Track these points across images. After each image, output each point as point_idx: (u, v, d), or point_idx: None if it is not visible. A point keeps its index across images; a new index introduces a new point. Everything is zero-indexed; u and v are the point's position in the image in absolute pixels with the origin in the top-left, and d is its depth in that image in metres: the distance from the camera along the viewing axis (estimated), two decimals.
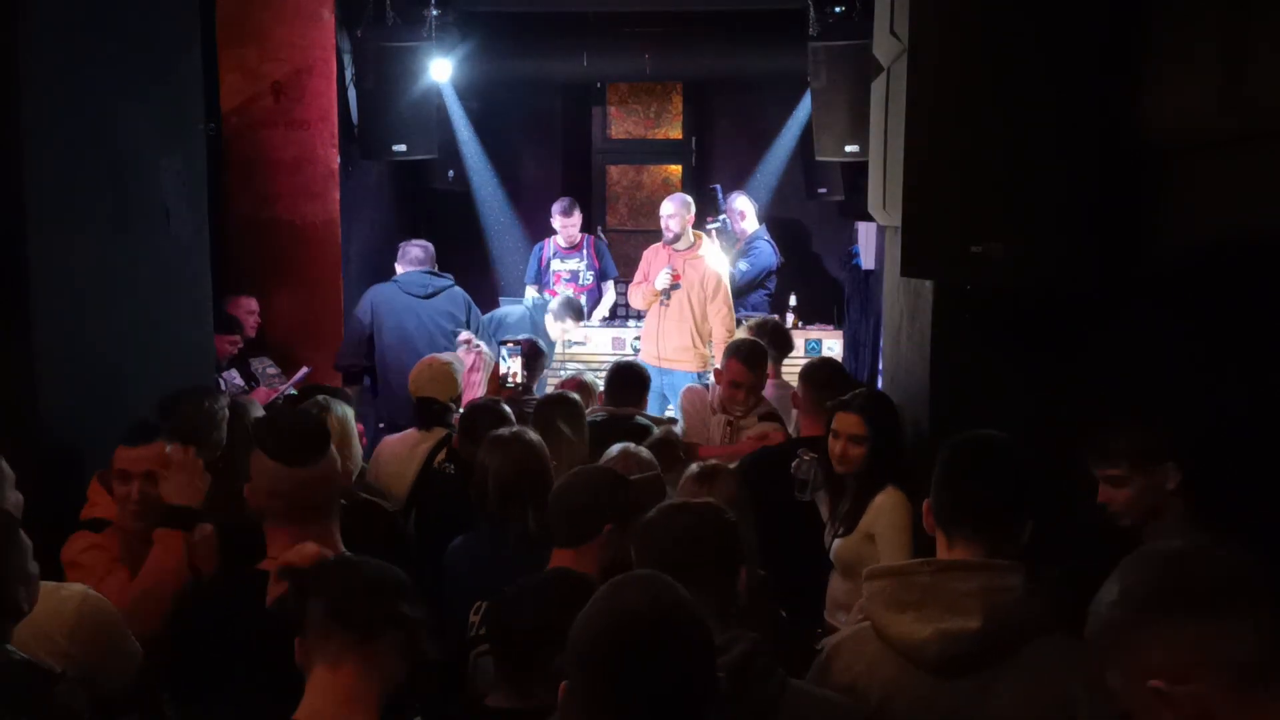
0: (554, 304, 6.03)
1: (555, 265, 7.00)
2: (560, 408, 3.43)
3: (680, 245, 6.23)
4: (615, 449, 3.06)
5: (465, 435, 3.40)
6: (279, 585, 1.83)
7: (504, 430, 2.94)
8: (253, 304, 5.48)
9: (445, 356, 4.14)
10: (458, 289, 5.74)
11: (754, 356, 4.04)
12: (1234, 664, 1.21)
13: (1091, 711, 1.71)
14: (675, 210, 6.24)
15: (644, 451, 3.12)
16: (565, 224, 6.89)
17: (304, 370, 5.41)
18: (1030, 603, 1.78)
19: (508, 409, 3.51)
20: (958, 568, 1.82)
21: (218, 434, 3.06)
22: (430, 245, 5.86)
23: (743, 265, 6.98)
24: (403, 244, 5.86)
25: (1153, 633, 1.26)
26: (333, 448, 2.14)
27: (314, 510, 2.08)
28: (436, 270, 5.73)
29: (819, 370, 3.80)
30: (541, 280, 7.04)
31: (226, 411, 3.17)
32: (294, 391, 4.85)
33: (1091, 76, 2.61)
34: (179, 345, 3.63)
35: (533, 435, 2.91)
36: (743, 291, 7.03)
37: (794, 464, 3.23)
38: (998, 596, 1.76)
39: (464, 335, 5.44)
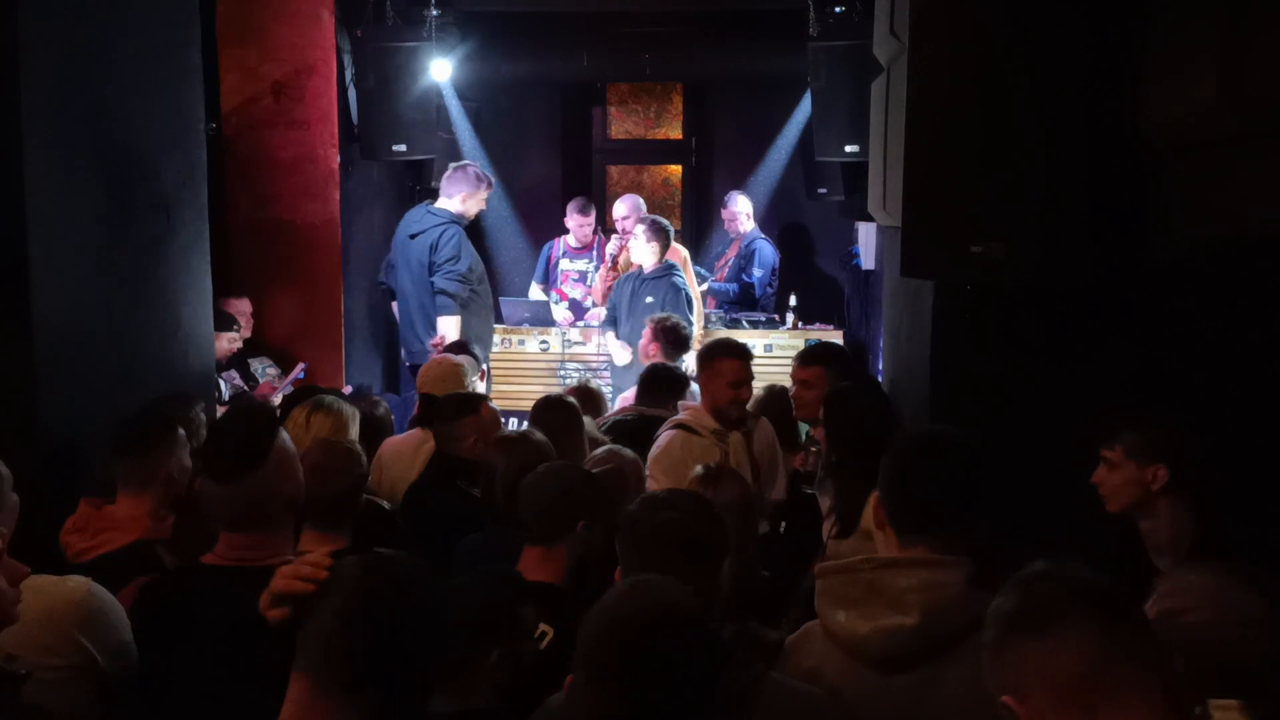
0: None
1: (564, 265, 6.99)
2: (556, 412, 3.44)
3: None
4: (600, 450, 3.08)
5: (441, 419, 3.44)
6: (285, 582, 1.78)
7: (511, 431, 2.95)
8: (245, 305, 5.46)
9: (457, 358, 4.11)
10: (436, 231, 5.64)
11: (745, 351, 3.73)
12: (1069, 678, 1.28)
13: None
14: (629, 211, 6.48)
15: (627, 451, 3.14)
16: (582, 222, 6.88)
17: (301, 366, 5.40)
18: (974, 595, 1.78)
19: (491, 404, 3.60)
20: (899, 564, 1.84)
21: (195, 442, 3.06)
22: (458, 169, 5.78)
23: (757, 272, 7.04)
24: None
25: (1006, 652, 1.34)
26: (279, 462, 2.07)
27: (244, 522, 2.05)
28: (437, 207, 5.72)
29: (823, 353, 3.80)
30: (549, 279, 7.04)
31: (203, 417, 3.18)
32: (291, 389, 4.85)
33: (1092, 76, 2.61)
34: (179, 345, 3.63)
35: (539, 436, 2.92)
36: (764, 297, 7.07)
37: (799, 456, 3.25)
38: (937, 593, 1.78)
39: (436, 339, 5.44)
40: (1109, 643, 1.28)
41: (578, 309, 6.90)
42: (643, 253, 5.85)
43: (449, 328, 5.49)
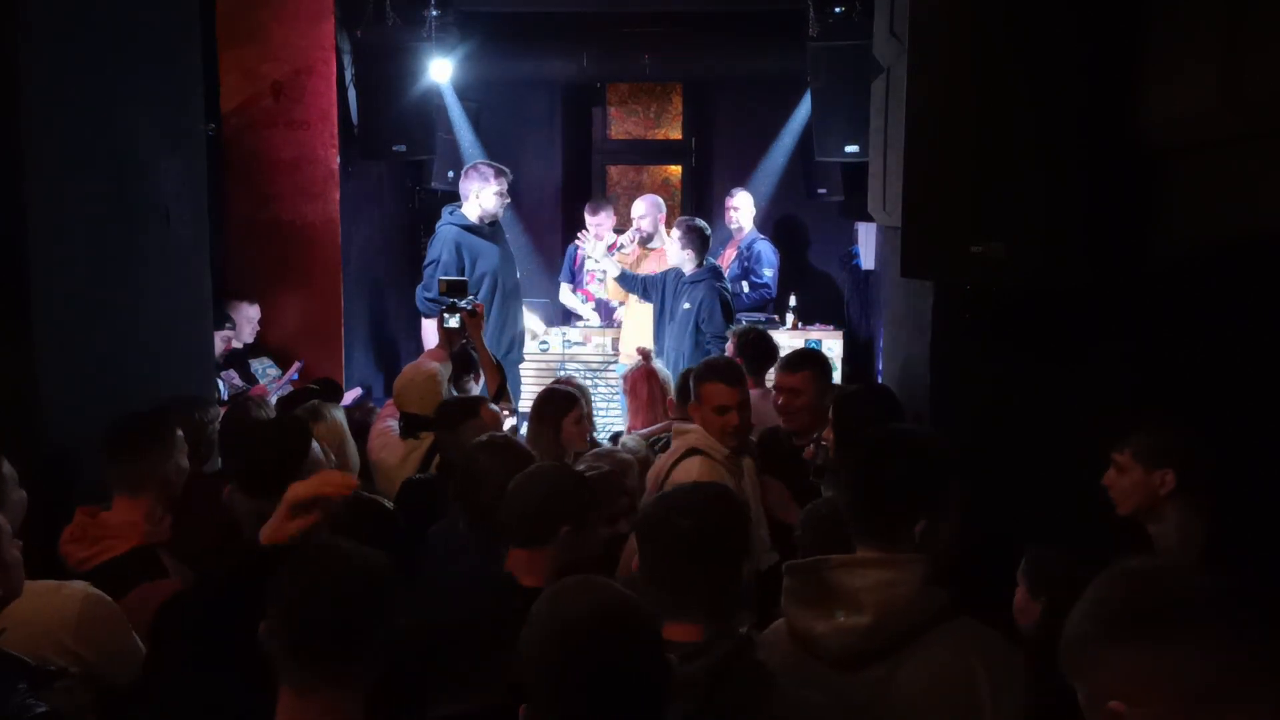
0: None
1: (589, 265, 6.98)
2: (553, 404, 3.46)
3: (654, 245, 6.34)
4: (605, 448, 3.07)
5: (443, 427, 3.42)
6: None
7: (494, 434, 2.94)
8: (254, 311, 5.46)
9: (431, 365, 4.01)
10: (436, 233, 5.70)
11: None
12: (1190, 689, 1.21)
13: (992, 692, 1.73)
14: (646, 211, 6.42)
15: (624, 454, 3.12)
16: (592, 223, 6.90)
17: (297, 365, 5.40)
18: (929, 593, 1.80)
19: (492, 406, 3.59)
20: (854, 564, 1.85)
21: (206, 446, 3.06)
22: (467, 168, 5.75)
23: (767, 273, 7.02)
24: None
25: (1114, 655, 1.25)
26: (312, 473, 2.05)
27: None
28: (453, 209, 5.72)
29: (808, 358, 3.79)
30: (575, 280, 7.06)
31: (217, 425, 3.18)
32: (290, 387, 4.85)
33: (1092, 76, 2.61)
34: (179, 345, 3.63)
35: (521, 441, 2.94)
36: (773, 299, 7.06)
37: (809, 448, 3.25)
38: (891, 592, 1.79)
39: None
40: (1239, 651, 1.21)
41: (604, 309, 6.91)
42: (676, 256, 5.68)
43: (428, 333, 5.56)
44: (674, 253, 5.71)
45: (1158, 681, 1.22)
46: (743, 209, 7.27)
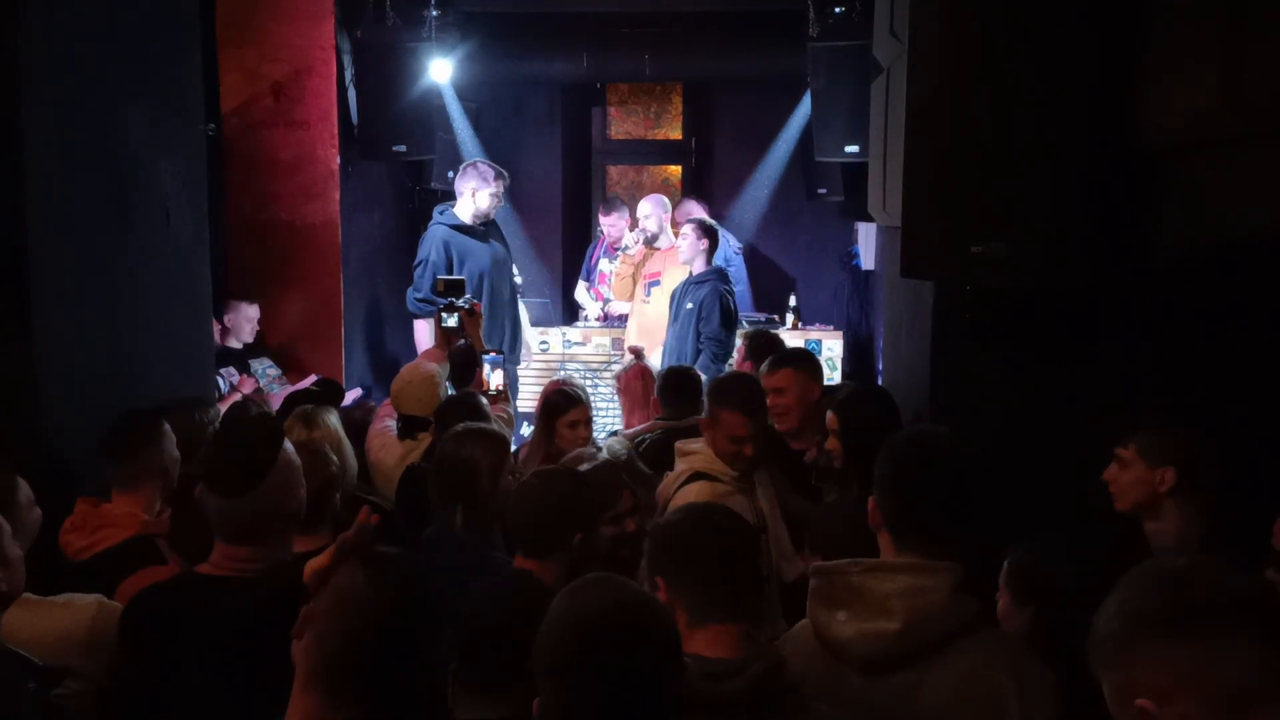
0: None
1: (603, 265, 6.98)
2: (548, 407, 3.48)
3: (660, 245, 6.33)
4: (580, 451, 3.02)
5: (441, 427, 3.41)
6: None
7: (473, 425, 2.93)
8: (254, 311, 5.46)
9: (429, 366, 3.98)
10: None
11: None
12: (1222, 688, 1.20)
13: (1021, 706, 1.72)
14: (651, 210, 6.40)
15: (602, 455, 3.10)
16: (604, 223, 6.91)
17: (312, 378, 5.38)
18: (960, 602, 1.78)
19: (484, 401, 3.58)
20: (885, 569, 1.82)
21: (206, 446, 3.07)
22: (466, 165, 5.75)
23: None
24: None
25: (1144, 651, 1.25)
26: (282, 475, 2.05)
27: (246, 536, 2.03)
28: (444, 208, 5.74)
29: (792, 356, 3.76)
30: (590, 279, 7.08)
31: (218, 424, 3.18)
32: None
33: (1092, 76, 2.61)
34: (179, 345, 3.63)
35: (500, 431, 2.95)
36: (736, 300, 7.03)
37: (808, 452, 3.24)
38: (921, 599, 1.77)
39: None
40: (1272, 651, 1.20)
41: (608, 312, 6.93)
42: (687, 253, 5.62)
43: (420, 334, 5.59)
44: (685, 249, 5.65)
45: (1189, 680, 1.21)
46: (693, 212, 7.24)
